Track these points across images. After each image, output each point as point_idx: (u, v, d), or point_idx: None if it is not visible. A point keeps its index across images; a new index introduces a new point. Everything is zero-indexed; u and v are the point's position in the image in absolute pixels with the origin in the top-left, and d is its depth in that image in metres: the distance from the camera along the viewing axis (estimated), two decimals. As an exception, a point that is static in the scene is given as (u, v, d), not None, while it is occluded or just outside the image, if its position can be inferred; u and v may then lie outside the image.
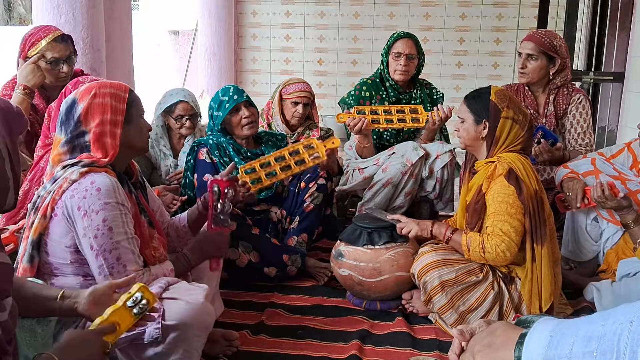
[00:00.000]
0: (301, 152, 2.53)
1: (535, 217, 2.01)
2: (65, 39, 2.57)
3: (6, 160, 1.17)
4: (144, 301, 1.30)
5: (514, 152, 2.07)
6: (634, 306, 0.75)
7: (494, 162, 2.06)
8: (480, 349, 0.93)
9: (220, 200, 1.86)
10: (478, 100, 2.12)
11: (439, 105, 2.94)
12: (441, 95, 3.29)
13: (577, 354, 0.76)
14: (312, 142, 2.57)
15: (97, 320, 1.28)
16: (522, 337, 0.85)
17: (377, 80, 3.18)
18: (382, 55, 3.15)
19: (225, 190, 1.89)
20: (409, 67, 3.08)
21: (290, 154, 2.51)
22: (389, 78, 3.12)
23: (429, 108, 3.12)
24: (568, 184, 2.42)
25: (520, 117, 2.07)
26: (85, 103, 1.62)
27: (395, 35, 3.13)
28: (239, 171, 2.36)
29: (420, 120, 2.89)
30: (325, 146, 2.55)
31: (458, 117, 2.19)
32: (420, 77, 3.25)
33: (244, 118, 2.59)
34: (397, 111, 2.90)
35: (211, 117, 2.66)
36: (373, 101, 3.14)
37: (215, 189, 1.88)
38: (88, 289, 1.39)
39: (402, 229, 2.20)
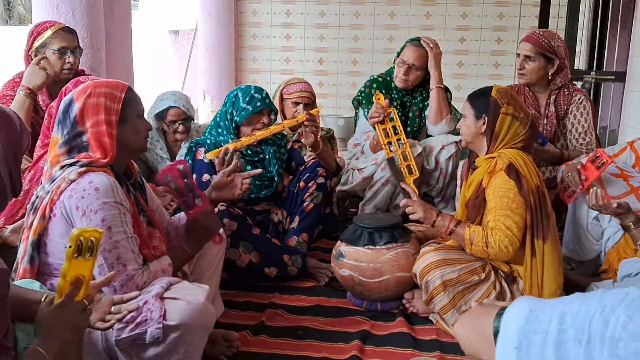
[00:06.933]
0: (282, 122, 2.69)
1: (537, 212, 2.02)
2: (70, 31, 2.60)
3: (8, 186, 1.22)
4: (90, 241, 1.22)
5: (514, 149, 2.09)
6: (611, 293, 0.78)
7: (495, 157, 2.08)
8: (464, 315, 0.99)
9: (178, 184, 1.82)
10: (480, 97, 2.16)
11: None
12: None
13: (553, 331, 0.79)
14: (293, 116, 2.78)
15: (58, 286, 1.23)
16: (503, 309, 0.89)
17: (388, 78, 3.18)
18: (397, 54, 3.14)
19: (179, 169, 1.84)
20: (409, 77, 3.07)
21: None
22: (393, 80, 3.14)
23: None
24: (565, 171, 2.43)
25: (520, 115, 2.09)
26: (80, 103, 1.61)
27: (409, 40, 3.12)
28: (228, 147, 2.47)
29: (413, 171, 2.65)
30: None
31: (461, 114, 2.23)
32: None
33: (260, 123, 2.59)
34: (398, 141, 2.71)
35: (233, 104, 2.60)
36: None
37: (168, 178, 1.83)
38: None
39: (407, 206, 2.16)
